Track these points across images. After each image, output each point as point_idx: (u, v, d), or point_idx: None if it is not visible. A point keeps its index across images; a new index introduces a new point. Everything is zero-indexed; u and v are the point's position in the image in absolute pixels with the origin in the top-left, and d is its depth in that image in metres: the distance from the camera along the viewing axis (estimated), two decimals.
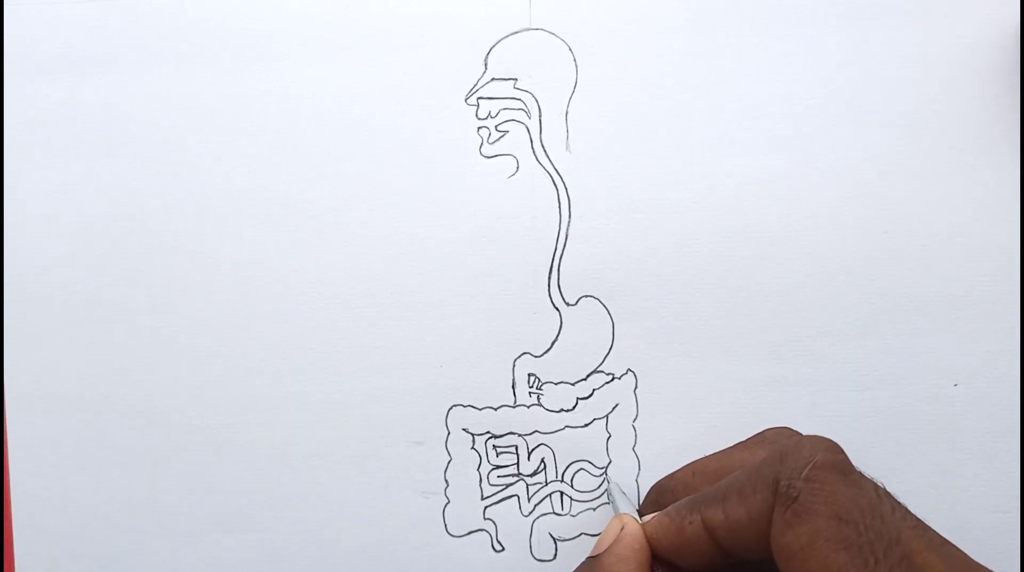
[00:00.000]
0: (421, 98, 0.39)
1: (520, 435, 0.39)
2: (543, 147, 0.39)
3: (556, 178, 0.38)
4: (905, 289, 0.38)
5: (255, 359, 0.39)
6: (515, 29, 0.39)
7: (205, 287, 0.39)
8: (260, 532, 0.39)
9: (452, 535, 0.39)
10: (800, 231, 0.38)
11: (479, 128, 0.39)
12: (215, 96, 0.39)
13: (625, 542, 0.31)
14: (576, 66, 0.38)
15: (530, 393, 0.38)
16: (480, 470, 0.39)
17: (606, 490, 0.38)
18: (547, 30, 0.39)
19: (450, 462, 0.39)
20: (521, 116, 0.39)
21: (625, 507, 0.34)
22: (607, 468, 0.38)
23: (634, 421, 0.38)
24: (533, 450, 0.39)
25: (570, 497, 0.39)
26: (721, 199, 0.38)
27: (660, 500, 0.35)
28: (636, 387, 0.38)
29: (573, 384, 0.39)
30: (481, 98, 0.39)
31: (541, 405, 0.38)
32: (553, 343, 0.38)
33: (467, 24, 0.39)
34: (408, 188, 0.39)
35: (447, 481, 0.39)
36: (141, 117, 0.39)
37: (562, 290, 0.38)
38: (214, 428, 0.39)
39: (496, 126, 0.39)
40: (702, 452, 0.36)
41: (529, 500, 0.39)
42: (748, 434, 0.36)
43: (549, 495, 0.39)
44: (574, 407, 0.39)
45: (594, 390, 0.38)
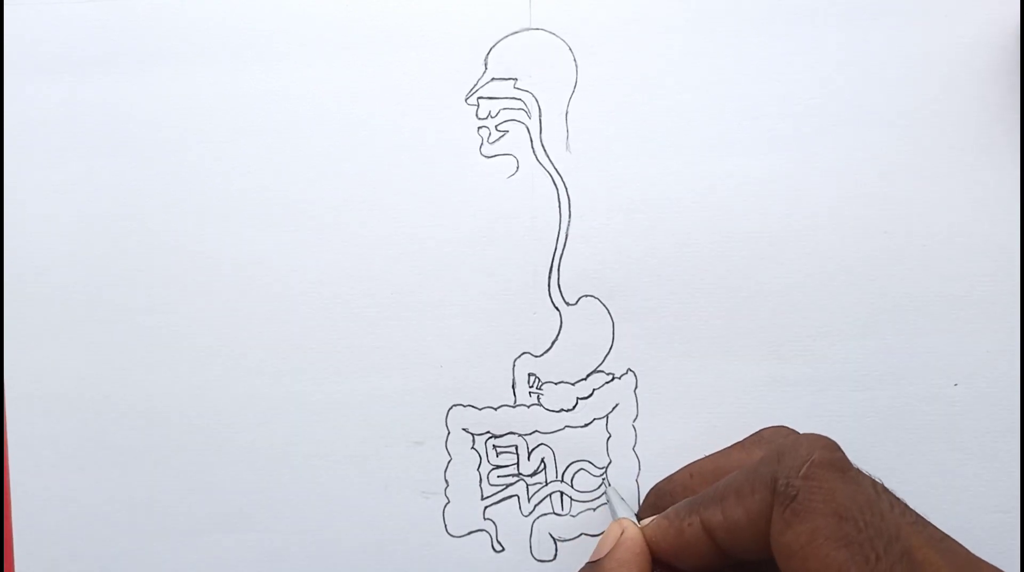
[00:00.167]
0: (421, 98, 0.39)
1: (520, 435, 0.39)
2: (543, 147, 0.39)
3: (556, 178, 0.38)
4: (905, 289, 0.38)
5: (255, 359, 0.39)
6: (515, 29, 0.39)
7: (205, 287, 0.39)
8: (260, 532, 0.39)
9: (452, 535, 0.39)
10: (800, 231, 0.38)
11: (479, 128, 0.39)
12: (215, 96, 0.39)
13: (626, 546, 0.31)
14: (576, 66, 0.39)
15: (530, 393, 0.38)
16: (480, 470, 0.39)
17: (604, 493, 0.38)
18: (547, 30, 0.39)
19: (450, 462, 0.39)
20: (521, 116, 0.39)
21: (624, 511, 0.34)
22: (607, 468, 0.38)
23: (634, 421, 0.38)
24: (533, 450, 0.39)
25: (570, 497, 0.39)
26: (721, 199, 0.38)
27: (658, 503, 0.35)
28: (636, 387, 0.38)
29: (573, 384, 0.38)
30: (481, 98, 0.39)
31: (541, 405, 0.38)
32: (553, 343, 0.38)
33: (467, 24, 0.39)
34: (408, 188, 0.39)
35: (447, 481, 0.39)
36: (141, 117, 0.39)
37: (562, 290, 0.38)
38: (214, 428, 0.39)
39: (496, 126, 0.39)
40: (702, 452, 0.36)
41: (529, 500, 0.39)
42: (748, 434, 0.36)
43: (549, 495, 0.39)
44: (574, 407, 0.39)
45: (594, 390, 0.38)
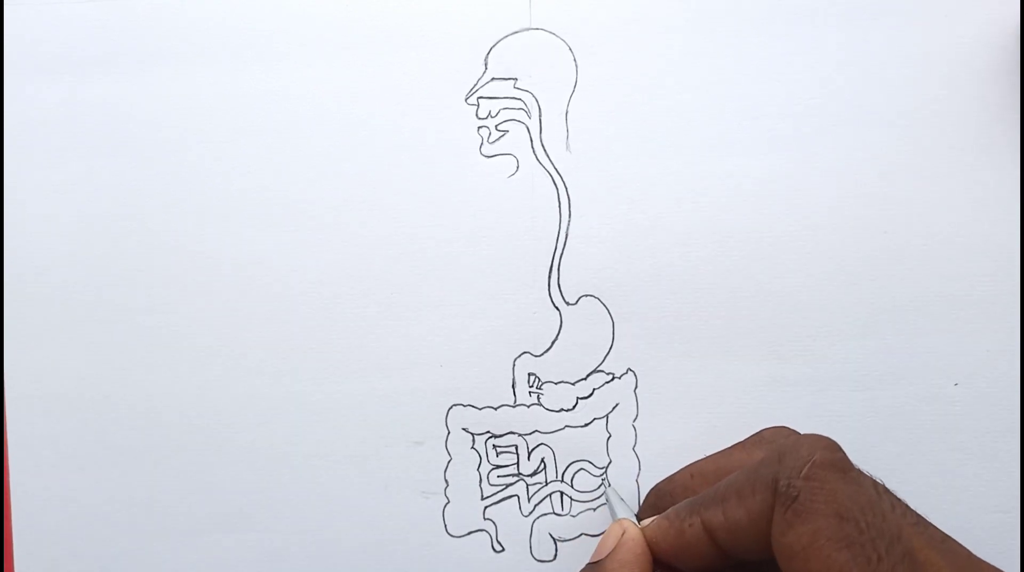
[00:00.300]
0: (421, 98, 0.39)
1: (520, 435, 0.39)
2: (543, 147, 0.39)
3: (556, 178, 0.38)
4: (905, 289, 0.38)
5: (255, 359, 0.39)
6: (515, 29, 0.39)
7: (205, 287, 0.39)
8: (260, 532, 0.39)
9: (452, 535, 0.39)
10: (800, 231, 0.38)
11: (479, 128, 0.39)
12: (215, 96, 0.39)
13: (627, 547, 0.31)
14: (576, 66, 0.39)
15: (530, 393, 0.38)
16: (480, 470, 0.39)
17: (604, 493, 0.38)
18: (547, 30, 0.39)
19: (450, 462, 0.39)
20: (521, 116, 0.39)
21: (623, 512, 0.34)
22: (607, 468, 0.38)
23: (634, 421, 0.38)
24: (533, 450, 0.39)
25: (570, 497, 0.39)
26: (721, 199, 0.38)
27: (659, 504, 0.35)
28: (636, 387, 0.38)
29: (573, 384, 0.38)
30: (481, 98, 0.39)
31: (541, 405, 0.38)
32: (553, 342, 0.38)
33: (467, 24, 0.39)
34: (408, 188, 0.39)
35: (447, 481, 0.39)
36: (141, 117, 0.39)
37: (562, 289, 0.38)
38: (214, 428, 0.39)
39: (496, 126, 0.39)
40: (702, 452, 0.36)
41: (529, 500, 0.39)
42: (748, 434, 0.36)
43: (549, 495, 0.39)
44: (574, 407, 0.39)
45: (594, 390, 0.38)
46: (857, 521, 0.25)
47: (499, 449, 0.39)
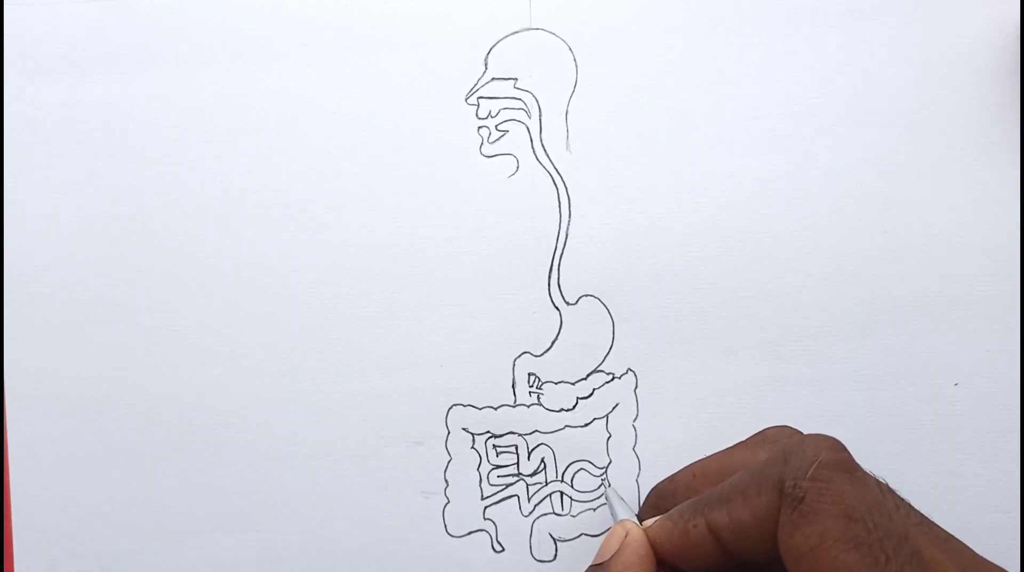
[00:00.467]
0: (421, 98, 0.39)
1: (520, 435, 0.39)
2: (543, 147, 0.39)
3: (556, 178, 0.39)
4: (905, 289, 0.38)
5: (255, 359, 0.39)
6: (515, 29, 0.39)
7: (205, 287, 0.39)
8: (260, 532, 0.39)
9: (452, 535, 0.39)
10: (800, 231, 0.38)
11: (479, 128, 0.39)
12: (215, 96, 0.39)
13: (631, 549, 0.30)
14: (576, 66, 0.39)
15: (530, 392, 0.38)
16: (480, 470, 0.39)
17: (603, 494, 0.38)
18: (547, 30, 0.39)
19: (450, 462, 0.39)
20: (521, 116, 0.39)
21: (624, 512, 0.34)
22: (607, 468, 0.38)
23: (634, 421, 0.38)
24: (533, 450, 0.39)
25: (570, 497, 0.39)
26: (721, 199, 0.38)
27: (660, 504, 0.35)
28: (636, 387, 0.38)
29: (573, 383, 0.38)
30: (481, 98, 0.39)
31: (541, 405, 0.38)
32: (553, 342, 0.38)
33: (467, 24, 0.39)
34: (408, 188, 0.39)
35: (447, 481, 0.39)
36: (141, 117, 0.39)
37: (562, 289, 0.38)
38: (214, 428, 0.39)
39: (496, 126, 0.39)
40: (702, 452, 0.36)
41: (529, 500, 0.39)
42: (748, 434, 0.36)
43: (549, 495, 0.39)
44: (574, 407, 0.39)
45: (594, 390, 0.38)
46: (865, 521, 0.25)
47: (499, 449, 0.39)
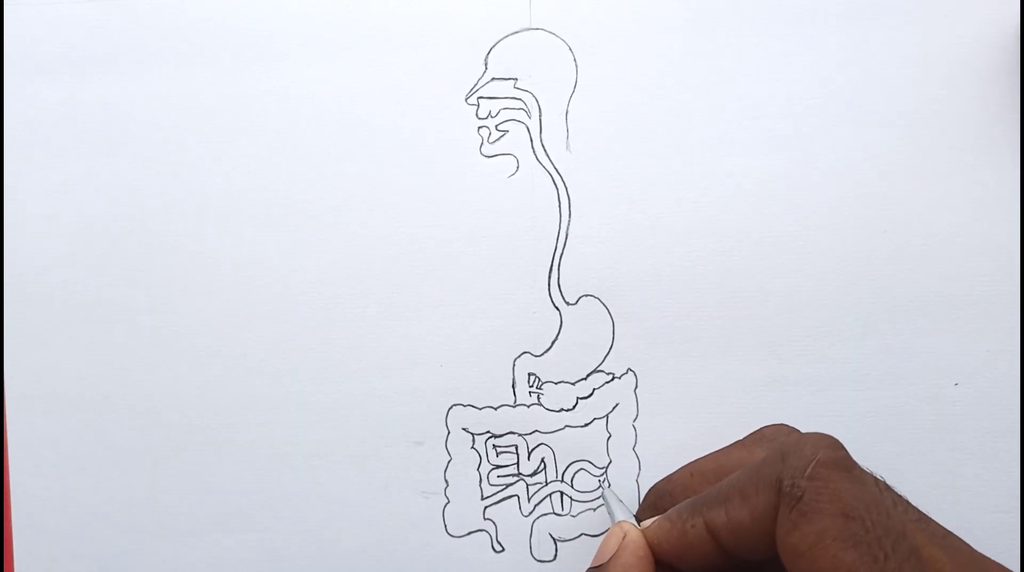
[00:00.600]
0: (421, 98, 0.39)
1: (520, 435, 0.39)
2: (543, 147, 0.39)
3: (556, 178, 0.39)
4: (905, 289, 0.38)
5: (255, 359, 0.39)
6: (515, 29, 0.39)
7: (205, 287, 0.39)
8: (260, 532, 0.39)
9: (452, 535, 0.39)
10: (800, 231, 0.38)
11: (479, 128, 0.39)
12: (215, 96, 0.39)
13: (629, 550, 0.30)
14: (576, 66, 0.39)
15: (530, 392, 0.38)
16: (480, 470, 0.39)
17: (601, 494, 0.38)
18: (547, 30, 0.39)
19: (450, 462, 0.39)
20: (521, 116, 0.39)
21: (622, 513, 0.34)
22: (607, 468, 0.38)
23: (634, 421, 0.38)
24: (533, 450, 0.39)
25: (570, 497, 0.39)
26: (721, 199, 0.38)
27: (659, 504, 0.35)
28: (636, 387, 0.38)
29: (573, 383, 0.38)
30: (481, 98, 0.39)
31: (541, 404, 0.38)
32: (553, 342, 0.38)
33: (467, 24, 0.39)
34: (408, 188, 0.39)
35: (447, 481, 0.39)
36: (141, 117, 0.39)
37: (562, 289, 0.38)
38: (214, 428, 0.39)
39: (496, 126, 0.39)
40: (702, 452, 0.36)
41: (529, 500, 0.39)
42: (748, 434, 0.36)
43: (549, 495, 0.39)
44: (574, 406, 0.38)
45: (594, 390, 0.38)
46: (863, 520, 0.25)
47: (499, 449, 0.39)
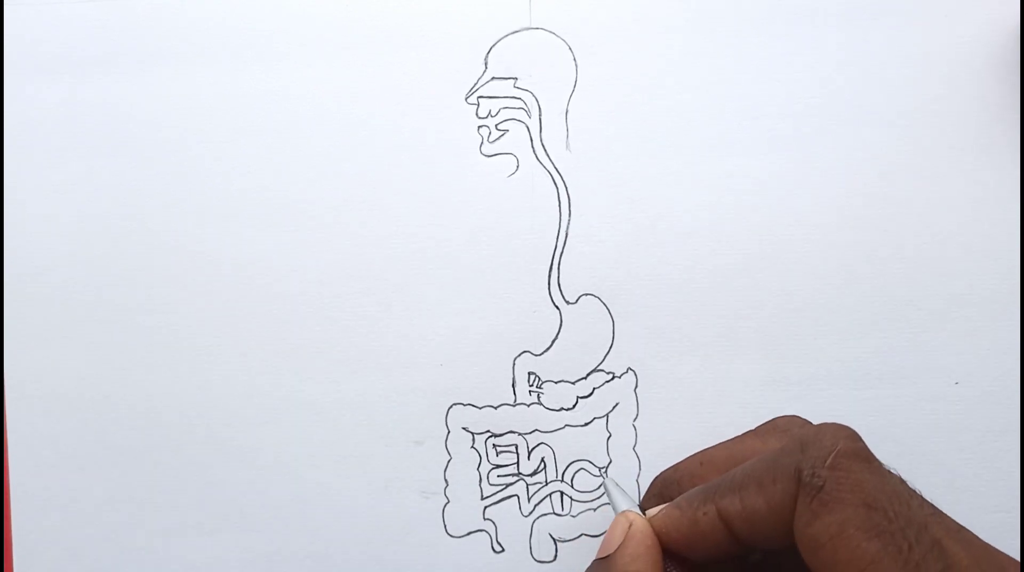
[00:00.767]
0: (421, 98, 0.39)
1: (520, 434, 0.39)
2: (543, 146, 0.39)
3: (556, 177, 0.39)
4: (905, 288, 0.38)
5: (255, 359, 0.39)
6: (515, 28, 0.39)
7: (205, 287, 0.39)
8: (260, 532, 0.39)
9: (452, 536, 0.39)
10: (800, 231, 0.38)
11: (479, 127, 0.39)
12: (215, 96, 0.39)
13: (636, 539, 0.30)
14: (576, 65, 0.39)
15: (530, 392, 0.38)
16: (480, 469, 0.39)
17: (602, 484, 0.38)
18: (547, 29, 0.39)
19: (450, 461, 0.39)
20: (521, 115, 0.39)
21: (625, 503, 0.33)
22: (607, 468, 0.38)
23: (634, 420, 0.38)
24: (533, 449, 0.39)
25: (570, 497, 0.39)
26: (721, 199, 0.38)
27: (664, 492, 0.34)
28: (636, 386, 0.38)
29: (573, 383, 0.38)
30: (481, 97, 0.39)
31: (541, 404, 0.38)
32: (553, 341, 0.38)
33: (467, 24, 0.39)
34: (408, 188, 0.39)
35: (447, 481, 0.39)
36: (141, 117, 0.39)
37: (562, 288, 0.38)
38: (214, 428, 0.39)
39: (496, 125, 0.39)
40: None
41: (529, 500, 0.39)
42: None
43: (549, 495, 0.39)
44: (574, 406, 0.38)
45: (594, 389, 0.38)
46: (885, 510, 0.25)
47: (499, 448, 0.39)
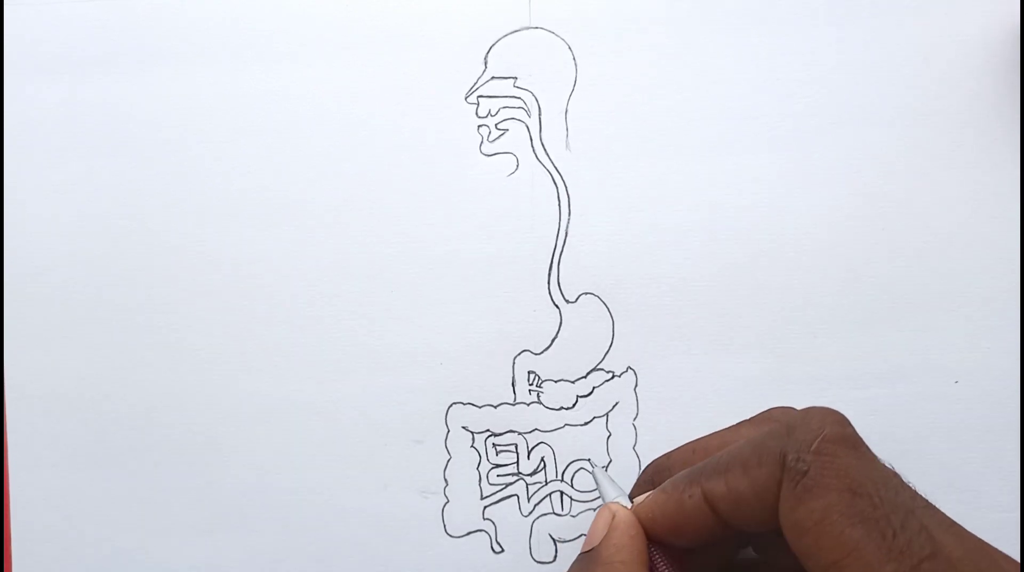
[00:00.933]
0: (421, 98, 0.39)
1: (520, 433, 0.39)
2: (543, 145, 0.39)
3: (556, 176, 0.39)
4: (905, 287, 0.38)
5: (255, 359, 0.39)
6: (515, 28, 0.39)
7: (205, 287, 0.39)
8: (260, 532, 0.39)
9: (451, 536, 0.39)
10: (800, 230, 0.38)
11: (479, 126, 0.39)
12: (215, 96, 0.39)
13: (620, 530, 0.29)
14: (576, 65, 0.39)
15: (530, 391, 0.38)
16: (480, 469, 0.39)
17: (591, 473, 0.38)
18: (547, 29, 0.39)
19: (449, 461, 0.39)
20: (521, 114, 0.39)
21: (613, 493, 0.32)
22: (607, 467, 0.38)
23: (634, 419, 0.38)
24: (533, 449, 0.39)
25: (570, 497, 0.39)
26: (721, 198, 0.38)
27: (655, 479, 0.33)
28: (636, 385, 0.38)
29: (573, 382, 0.38)
30: (481, 96, 0.39)
31: (541, 403, 0.38)
32: (553, 340, 0.38)
33: (467, 23, 0.39)
34: (408, 188, 0.39)
35: (446, 480, 0.39)
36: (141, 117, 0.39)
37: (562, 287, 0.38)
38: (214, 428, 0.39)
39: (496, 124, 0.39)
40: None
41: (529, 500, 0.39)
42: None
43: (549, 495, 0.39)
44: (574, 405, 0.38)
45: (594, 388, 0.38)
46: (871, 496, 0.25)
47: (499, 448, 0.39)
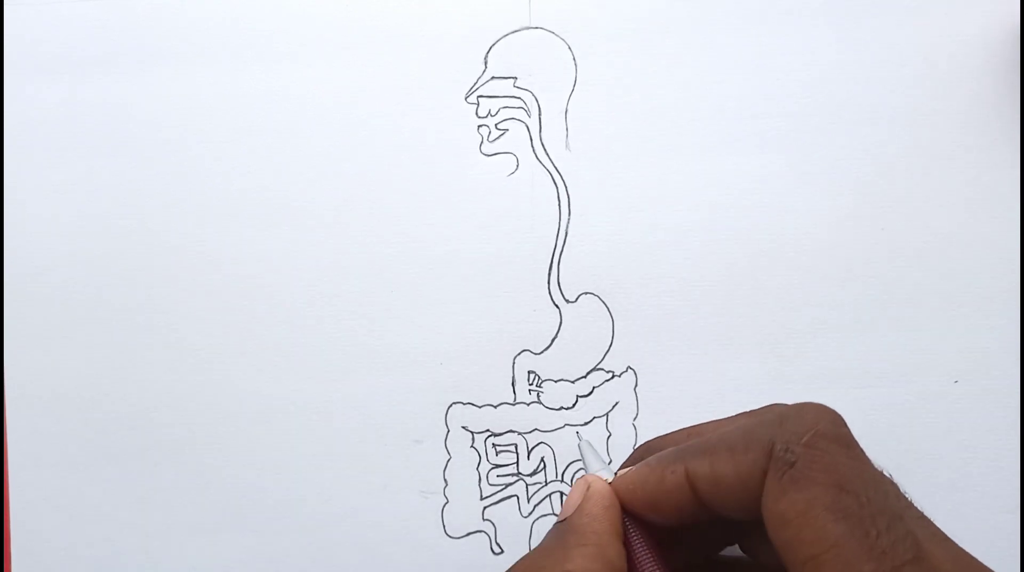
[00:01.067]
0: (421, 98, 0.39)
1: (520, 433, 0.39)
2: (543, 145, 0.39)
3: (556, 176, 0.39)
4: (905, 287, 0.38)
5: (255, 359, 0.39)
6: (515, 28, 0.39)
7: (205, 287, 0.39)
8: (260, 532, 0.39)
9: (451, 536, 0.39)
10: (799, 229, 0.38)
11: (479, 126, 0.39)
12: (215, 96, 0.39)
13: (594, 500, 0.29)
14: (576, 65, 0.39)
15: (530, 390, 0.38)
16: (480, 469, 0.39)
17: (578, 445, 0.37)
18: (547, 29, 0.39)
19: (449, 461, 0.39)
20: (521, 114, 0.39)
21: (596, 465, 0.32)
22: (607, 465, 0.38)
23: (634, 419, 0.38)
24: (533, 449, 0.39)
25: None
26: (721, 198, 0.38)
27: (645, 457, 0.33)
28: (636, 385, 0.38)
29: (573, 382, 0.38)
30: (481, 96, 0.39)
31: (541, 403, 0.38)
32: (553, 340, 0.38)
33: (467, 23, 0.39)
34: (408, 188, 0.39)
35: (446, 480, 0.39)
36: (141, 117, 0.39)
37: (562, 287, 0.38)
38: (214, 428, 0.39)
39: (496, 124, 0.39)
40: None
41: (528, 500, 0.39)
42: None
43: (549, 495, 0.39)
44: (574, 405, 0.38)
45: (594, 388, 0.38)
46: (858, 495, 0.24)
47: (499, 448, 0.39)
